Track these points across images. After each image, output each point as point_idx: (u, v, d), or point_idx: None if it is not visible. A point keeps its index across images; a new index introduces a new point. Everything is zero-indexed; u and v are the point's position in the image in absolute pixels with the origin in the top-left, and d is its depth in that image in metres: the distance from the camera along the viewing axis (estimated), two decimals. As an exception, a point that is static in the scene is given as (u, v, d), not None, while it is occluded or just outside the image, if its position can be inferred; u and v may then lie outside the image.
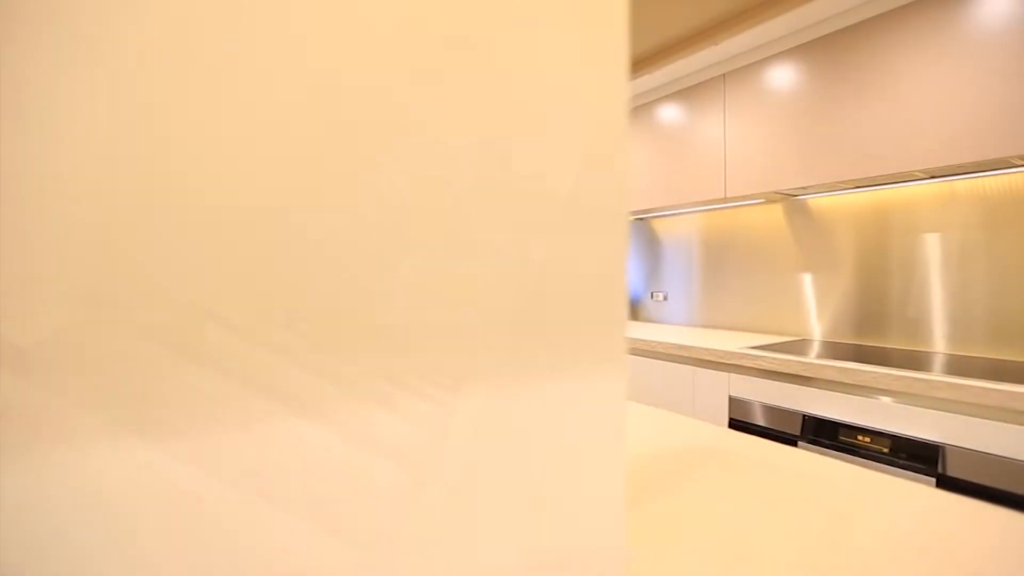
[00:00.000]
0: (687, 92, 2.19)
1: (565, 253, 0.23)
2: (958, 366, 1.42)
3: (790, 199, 2.09)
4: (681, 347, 1.92)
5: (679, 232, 2.57)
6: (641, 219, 2.78)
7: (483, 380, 0.21)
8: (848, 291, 1.91)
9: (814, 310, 2.02)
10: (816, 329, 2.01)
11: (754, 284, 2.23)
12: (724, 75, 2.03)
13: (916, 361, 1.49)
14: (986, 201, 1.59)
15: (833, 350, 1.70)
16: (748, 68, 1.95)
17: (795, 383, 1.58)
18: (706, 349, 1.82)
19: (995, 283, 1.57)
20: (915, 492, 0.64)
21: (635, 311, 2.83)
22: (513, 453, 0.22)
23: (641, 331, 2.30)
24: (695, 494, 0.65)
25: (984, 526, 0.56)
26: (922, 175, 1.62)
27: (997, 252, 1.57)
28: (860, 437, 1.42)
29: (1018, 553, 0.50)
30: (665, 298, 2.65)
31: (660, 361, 2.03)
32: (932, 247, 1.70)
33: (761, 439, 0.84)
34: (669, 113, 2.28)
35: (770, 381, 1.64)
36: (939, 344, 1.67)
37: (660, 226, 2.68)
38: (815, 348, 1.75)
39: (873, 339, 1.84)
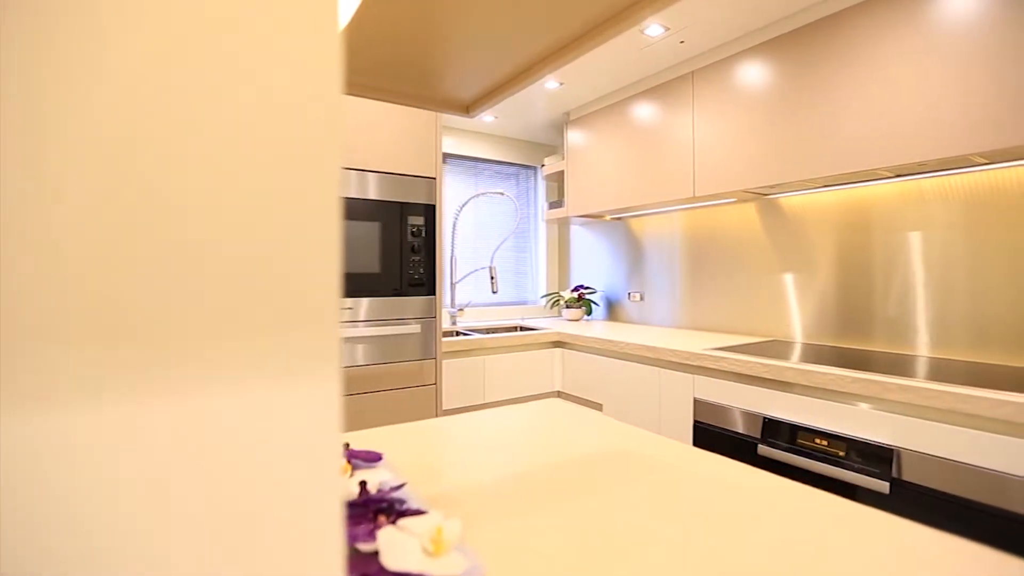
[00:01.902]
0: (657, 90, 2.17)
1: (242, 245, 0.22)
2: (926, 368, 1.39)
3: (762, 198, 2.07)
4: (648, 348, 1.89)
5: (656, 232, 2.55)
6: (618, 219, 2.76)
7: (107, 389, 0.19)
8: (824, 292, 1.88)
9: (790, 311, 1.99)
10: (793, 330, 1.98)
11: (731, 284, 2.21)
12: (692, 72, 2.00)
13: (886, 363, 1.47)
14: (954, 201, 1.56)
15: (803, 352, 1.68)
16: (715, 66, 1.93)
17: (757, 385, 1.56)
18: (671, 351, 1.80)
19: (974, 285, 1.54)
20: (814, 499, 0.62)
21: (613, 311, 2.81)
22: (161, 480, 0.20)
23: (613, 332, 2.28)
24: (596, 502, 0.62)
25: (857, 531, 0.54)
26: (887, 173, 1.59)
27: (972, 253, 1.54)
28: (818, 440, 1.40)
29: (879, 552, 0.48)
30: (641, 298, 2.63)
31: (628, 362, 2.00)
32: (906, 247, 1.67)
33: (685, 445, 0.82)
34: (639, 112, 2.26)
35: (733, 383, 1.62)
36: (918, 346, 1.64)
37: (637, 226, 2.65)
38: (783, 349, 1.73)
39: (851, 341, 1.81)
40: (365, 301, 1.63)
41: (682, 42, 1.88)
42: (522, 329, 2.72)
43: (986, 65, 1.29)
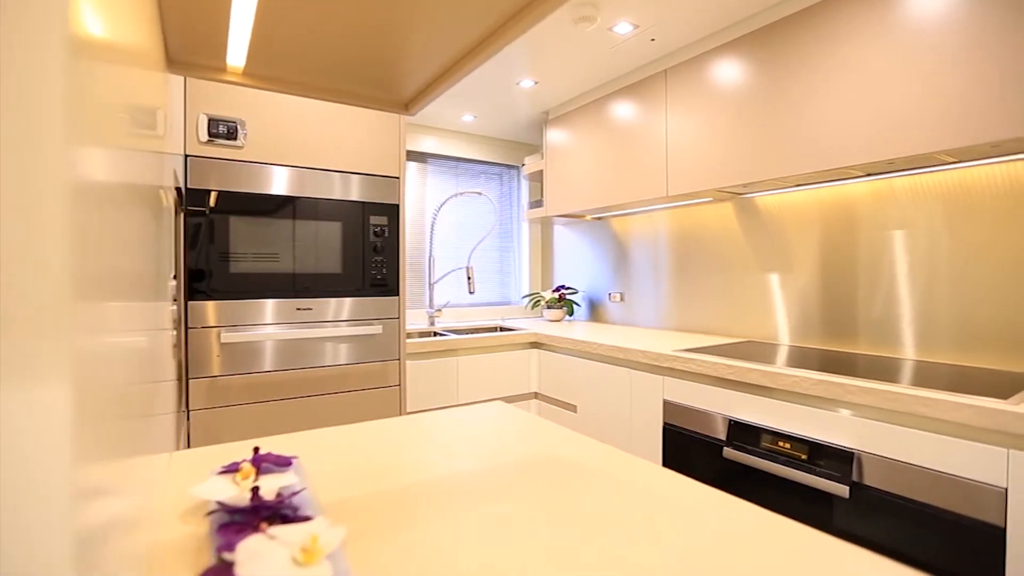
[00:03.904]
0: (631, 89, 2.15)
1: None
2: (899, 371, 1.37)
3: (738, 198, 2.04)
4: (619, 349, 1.87)
5: (638, 232, 2.53)
6: (599, 219, 2.74)
7: None
8: (805, 292, 1.86)
9: (770, 312, 1.97)
10: (776, 332, 1.96)
11: (712, 285, 2.18)
12: (665, 71, 1.98)
13: (861, 366, 1.44)
14: (928, 200, 1.54)
15: (777, 353, 1.66)
16: (687, 64, 1.90)
17: (723, 387, 1.53)
18: (642, 352, 1.78)
19: (956, 286, 1.52)
20: (731, 507, 0.60)
21: (595, 312, 2.79)
22: None
23: (590, 333, 2.26)
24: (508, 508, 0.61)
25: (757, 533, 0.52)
26: (857, 172, 1.57)
27: (953, 254, 1.51)
28: (781, 443, 1.38)
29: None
30: (622, 298, 2.60)
31: (601, 364, 1.98)
32: (884, 247, 1.65)
33: (619, 452, 0.80)
34: (615, 111, 2.23)
35: (700, 385, 1.60)
36: (903, 349, 1.60)
37: (619, 226, 2.63)
38: (756, 351, 1.71)
39: (834, 343, 1.78)
40: (326, 301, 1.61)
41: (653, 40, 1.85)
42: (502, 330, 2.70)
43: (952, 64, 1.27)
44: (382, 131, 1.72)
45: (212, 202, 1.44)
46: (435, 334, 2.50)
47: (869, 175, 1.62)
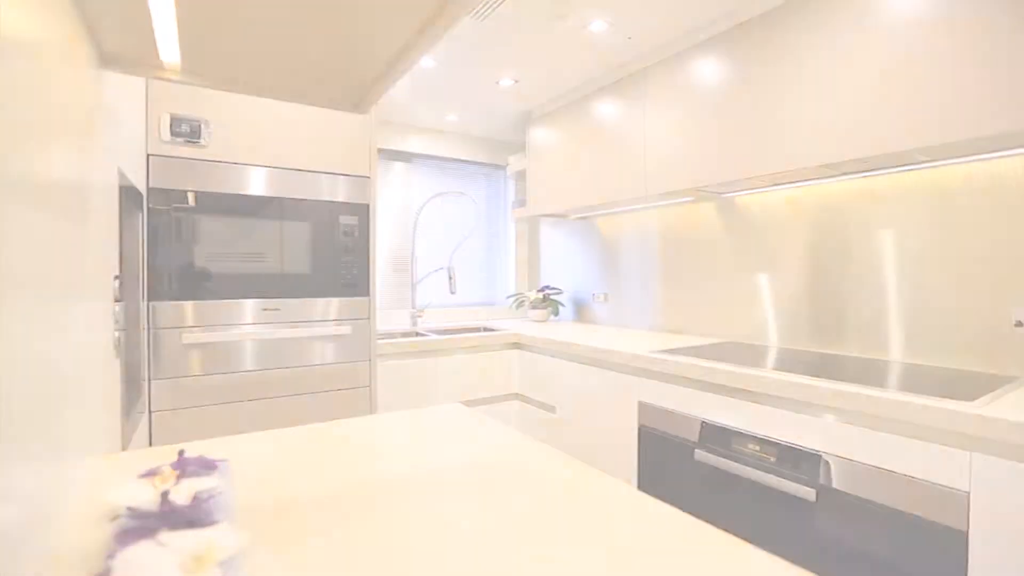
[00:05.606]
0: (611, 88, 2.13)
1: None
2: (876, 372, 1.35)
3: (719, 197, 2.02)
4: (594, 350, 1.86)
5: (623, 232, 2.51)
6: (584, 218, 2.72)
7: None
8: (789, 293, 1.84)
9: (753, 312, 1.94)
10: (762, 332, 1.94)
11: (696, 285, 2.17)
12: (644, 69, 1.96)
13: (838, 367, 1.42)
14: (909, 200, 1.52)
15: (755, 354, 1.64)
16: (665, 63, 1.89)
17: (696, 388, 1.52)
18: (617, 352, 1.76)
19: (937, 286, 1.50)
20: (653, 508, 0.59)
21: (581, 312, 2.77)
22: None
23: (571, 333, 2.24)
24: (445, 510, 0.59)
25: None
26: (831, 171, 1.55)
27: (940, 255, 1.49)
28: (751, 445, 1.36)
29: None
30: (606, 298, 2.59)
31: (578, 364, 1.97)
32: (869, 247, 1.63)
33: (568, 458, 0.79)
34: (595, 110, 2.22)
35: (673, 386, 1.58)
36: (890, 351, 1.56)
37: (604, 226, 2.61)
38: (733, 352, 1.69)
39: (820, 345, 1.75)
40: (293, 302, 1.60)
41: (629, 38, 1.84)
42: (486, 330, 2.68)
43: (924, 63, 1.25)
44: (352, 130, 1.71)
45: (176, 201, 1.43)
46: (417, 335, 2.48)
47: (845, 174, 1.60)
